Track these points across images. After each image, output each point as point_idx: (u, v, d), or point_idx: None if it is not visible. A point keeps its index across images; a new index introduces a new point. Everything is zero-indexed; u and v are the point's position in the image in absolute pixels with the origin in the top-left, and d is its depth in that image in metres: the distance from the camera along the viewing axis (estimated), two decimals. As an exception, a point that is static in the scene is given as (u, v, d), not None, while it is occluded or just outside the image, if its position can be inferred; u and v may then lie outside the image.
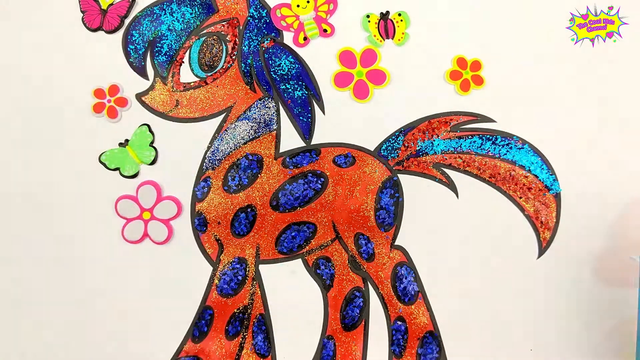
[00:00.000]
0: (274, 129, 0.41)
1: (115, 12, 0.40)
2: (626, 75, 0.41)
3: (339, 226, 0.41)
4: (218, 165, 0.40)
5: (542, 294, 0.41)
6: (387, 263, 0.41)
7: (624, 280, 0.41)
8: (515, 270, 0.41)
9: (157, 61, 0.40)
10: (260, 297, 0.41)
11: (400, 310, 0.41)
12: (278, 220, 0.40)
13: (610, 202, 0.41)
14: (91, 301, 0.41)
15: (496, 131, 0.41)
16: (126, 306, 0.41)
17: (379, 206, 0.41)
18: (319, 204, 0.40)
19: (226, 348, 0.40)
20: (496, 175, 0.41)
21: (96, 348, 0.41)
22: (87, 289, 0.41)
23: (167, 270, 0.41)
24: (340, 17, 0.40)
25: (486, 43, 0.41)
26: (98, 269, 0.41)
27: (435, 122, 0.41)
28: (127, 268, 0.41)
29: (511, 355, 0.41)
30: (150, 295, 0.41)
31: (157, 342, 0.41)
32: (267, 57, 0.40)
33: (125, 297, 0.41)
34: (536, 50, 0.41)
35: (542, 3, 0.41)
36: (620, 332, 0.41)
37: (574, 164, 0.41)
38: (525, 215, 0.41)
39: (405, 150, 0.41)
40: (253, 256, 0.40)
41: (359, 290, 0.41)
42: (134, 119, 0.40)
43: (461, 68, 0.40)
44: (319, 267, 0.41)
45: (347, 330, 0.40)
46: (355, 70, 0.40)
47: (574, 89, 0.41)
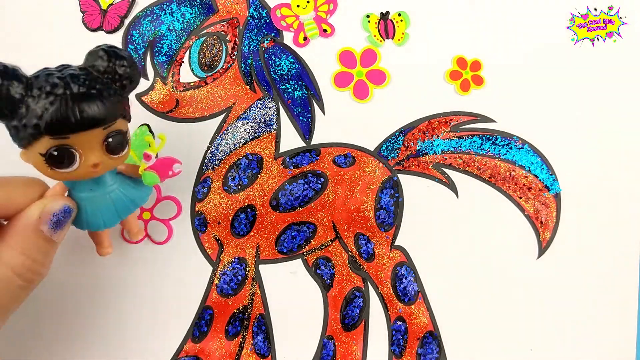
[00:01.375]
0: (274, 129, 0.41)
1: (115, 12, 0.40)
2: (626, 75, 0.41)
3: (339, 226, 0.41)
4: (218, 165, 0.40)
5: (542, 294, 0.41)
6: (387, 263, 0.41)
7: (624, 281, 0.41)
8: (515, 270, 0.41)
9: (157, 61, 0.40)
10: (260, 297, 0.41)
11: (400, 310, 0.41)
12: (278, 220, 0.40)
13: (610, 202, 0.41)
14: (91, 301, 0.41)
15: (496, 131, 0.41)
16: (126, 306, 0.41)
17: (379, 206, 0.41)
18: (319, 204, 0.40)
19: (226, 348, 0.40)
20: (496, 175, 0.41)
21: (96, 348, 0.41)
22: (86, 289, 0.41)
23: (167, 270, 0.41)
24: (340, 17, 0.40)
25: (486, 43, 0.41)
26: (98, 269, 0.41)
27: (435, 122, 0.41)
28: (127, 268, 0.41)
29: (511, 355, 0.41)
30: (150, 295, 0.41)
31: (157, 342, 0.40)
32: (267, 57, 0.40)
33: (125, 297, 0.41)
34: (536, 51, 0.41)
35: (542, 3, 0.41)
36: (620, 333, 0.41)
37: (574, 164, 0.41)
38: (525, 215, 0.41)
39: (405, 150, 0.41)
40: (253, 256, 0.40)
41: (359, 290, 0.41)
42: (134, 119, 0.40)
43: (461, 68, 0.40)
44: (319, 267, 0.41)
45: (347, 330, 0.40)
46: (355, 70, 0.40)
47: (574, 89, 0.41)
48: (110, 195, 0.30)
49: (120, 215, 0.31)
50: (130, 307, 0.41)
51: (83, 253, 0.41)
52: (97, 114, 0.25)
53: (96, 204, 0.29)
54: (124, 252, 0.41)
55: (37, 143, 0.25)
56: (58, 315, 0.41)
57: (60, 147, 0.25)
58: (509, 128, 0.41)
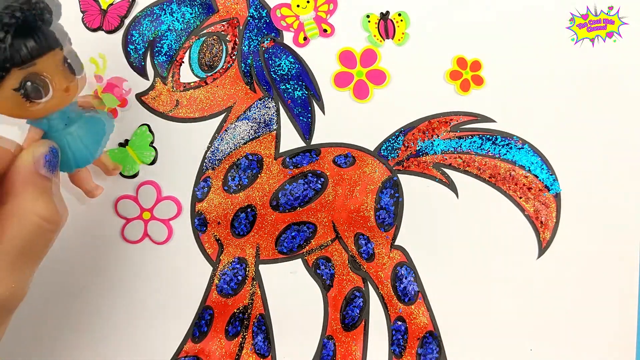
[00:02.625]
0: (274, 129, 0.41)
1: (115, 12, 0.40)
2: (626, 75, 0.41)
3: (339, 226, 0.41)
4: (218, 165, 0.40)
5: (542, 294, 0.41)
6: (387, 263, 0.41)
7: (624, 281, 0.41)
8: (515, 270, 0.41)
9: (157, 61, 0.40)
10: (260, 297, 0.41)
11: (400, 310, 0.41)
12: (278, 220, 0.40)
13: (610, 202, 0.41)
14: (90, 301, 0.41)
15: (496, 131, 0.41)
16: (126, 306, 0.41)
17: (379, 206, 0.41)
18: (319, 204, 0.40)
19: (226, 348, 0.40)
20: (496, 175, 0.41)
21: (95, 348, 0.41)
22: (86, 289, 0.41)
23: (167, 270, 0.41)
24: (340, 17, 0.40)
25: (486, 43, 0.41)
26: (98, 268, 0.41)
27: (435, 122, 0.41)
28: (126, 268, 0.41)
29: (511, 355, 0.41)
30: (150, 295, 0.41)
31: (157, 342, 0.41)
32: (267, 57, 0.40)
33: (125, 297, 0.41)
34: (536, 50, 0.41)
35: (542, 3, 0.41)
36: (620, 333, 0.41)
37: (574, 164, 0.41)
38: (525, 215, 0.41)
39: (405, 150, 0.41)
40: (253, 256, 0.40)
41: (359, 290, 0.41)
42: (134, 119, 0.40)
43: (461, 68, 0.40)
44: (319, 267, 0.41)
45: (347, 330, 0.40)
46: (355, 70, 0.40)
47: (574, 89, 0.41)
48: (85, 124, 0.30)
49: (99, 142, 0.31)
50: (130, 307, 0.41)
51: (83, 253, 0.41)
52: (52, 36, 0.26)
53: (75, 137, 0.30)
54: (124, 252, 0.41)
55: (8, 80, 0.25)
56: (58, 315, 0.41)
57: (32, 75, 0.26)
58: (509, 128, 0.41)
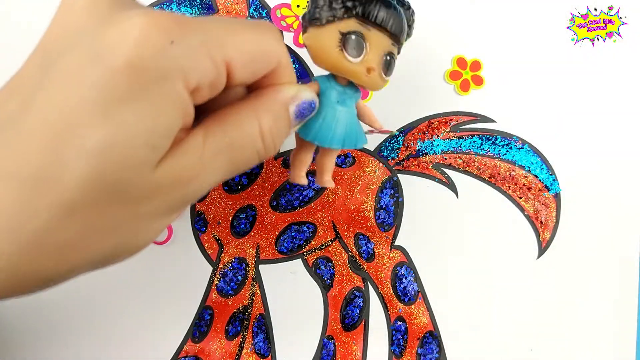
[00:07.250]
0: (274, 129, 0.40)
1: (115, 12, 0.40)
2: (626, 75, 0.41)
3: (339, 226, 0.41)
4: (218, 165, 0.40)
5: (542, 294, 0.41)
6: (387, 263, 0.41)
7: (624, 281, 0.41)
8: (515, 270, 0.41)
9: (157, 61, 0.40)
10: (260, 297, 0.41)
11: (400, 310, 0.41)
12: (278, 220, 0.40)
13: (610, 202, 0.41)
14: (90, 301, 0.41)
15: (496, 131, 0.41)
16: (126, 306, 0.41)
17: (379, 206, 0.41)
18: (319, 204, 0.40)
19: (226, 348, 0.40)
20: (496, 175, 0.41)
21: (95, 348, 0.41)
22: (86, 288, 0.41)
23: (167, 270, 0.41)
24: (340, 17, 0.40)
25: (486, 43, 0.41)
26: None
27: (435, 122, 0.41)
28: (126, 268, 0.41)
29: (511, 355, 0.41)
30: (150, 295, 0.41)
31: (156, 342, 0.41)
32: (267, 57, 0.40)
33: (124, 297, 0.41)
34: (536, 50, 0.41)
35: (542, 3, 0.41)
36: (620, 333, 0.41)
37: (574, 164, 0.41)
38: (525, 215, 0.41)
39: (405, 150, 0.41)
40: (253, 256, 0.40)
41: (359, 290, 0.41)
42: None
43: (461, 68, 0.40)
44: (319, 267, 0.41)
45: (347, 330, 0.40)
46: (355, 70, 0.40)
47: (574, 89, 0.41)
48: (348, 117, 0.29)
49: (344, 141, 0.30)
50: (130, 307, 0.41)
51: (83, 253, 0.41)
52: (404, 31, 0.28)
53: (333, 117, 0.29)
54: (124, 252, 0.41)
55: (343, 22, 0.26)
56: (57, 315, 0.41)
57: (358, 32, 0.26)
58: (509, 128, 0.41)
